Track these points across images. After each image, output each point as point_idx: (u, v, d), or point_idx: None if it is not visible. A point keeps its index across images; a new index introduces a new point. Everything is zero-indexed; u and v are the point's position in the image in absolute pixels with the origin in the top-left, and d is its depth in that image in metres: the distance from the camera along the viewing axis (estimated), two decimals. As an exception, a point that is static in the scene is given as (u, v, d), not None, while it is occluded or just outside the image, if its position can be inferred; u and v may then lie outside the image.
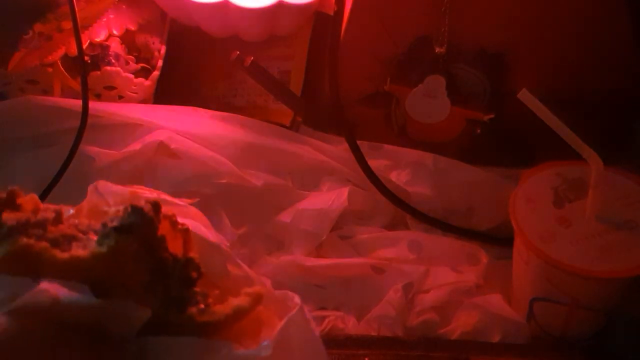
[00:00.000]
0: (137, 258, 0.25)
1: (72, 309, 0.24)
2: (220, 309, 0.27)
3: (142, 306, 0.25)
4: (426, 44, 0.50)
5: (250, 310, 0.27)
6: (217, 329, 0.27)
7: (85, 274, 0.25)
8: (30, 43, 0.53)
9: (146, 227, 0.26)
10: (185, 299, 0.26)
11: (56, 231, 0.26)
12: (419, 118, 0.52)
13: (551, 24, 0.48)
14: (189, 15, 0.55)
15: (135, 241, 0.25)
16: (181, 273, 0.27)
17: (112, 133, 0.52)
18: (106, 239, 0.25)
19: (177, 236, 0.28)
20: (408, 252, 0.49)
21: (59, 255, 0.25)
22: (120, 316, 0.25)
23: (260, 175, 0.51)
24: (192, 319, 0.26)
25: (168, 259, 0.26)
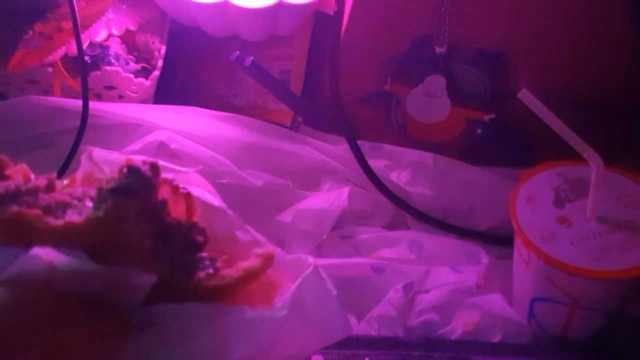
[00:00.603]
0: (137, 221, 0.23)
1: (69, 277, 0.22)
2: (229, 272, 0.25)
3: (145, 272, 0.23)
4: (426, 44, 0.50)
5: (261, 271, 0.26)
6: (227, 293, 0.25)
7: (82, 241, 0.23)
8: (30, 43, 0.53)
9: (145, 188, 0.24)
10: (191, 264, 0.25)
11: (49, 198, 0.24)
12: (419, 118, 0.52)
13: (551, 24, 0.48)
14: (189, 15, 0.55)
15: (134, 203, 0.23)
16: (186, 237, 0.25)
17: (112, 133, 0.52)
18: (103, 203, 0.23)
19: (179, 200, 0.26)
20: (408, 252, 0.49)
21: (53, 222, 0.23)
22: (123, 284, 0.23)
23: (260, 175, 0.51)
24: (200, 283, 0.24)
25: (171, 223, 0.25)
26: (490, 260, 0.48)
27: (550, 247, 0.39)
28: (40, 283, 0.22)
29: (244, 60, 0.50)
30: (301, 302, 0.25)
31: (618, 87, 0.49)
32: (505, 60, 0.49)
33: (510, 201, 0.42)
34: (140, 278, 0.23)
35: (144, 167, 0.24)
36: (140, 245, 0.23)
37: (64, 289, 0.22)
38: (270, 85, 0.53)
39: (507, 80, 0.50)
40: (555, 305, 0.41)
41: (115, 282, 0.23)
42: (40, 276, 0.22)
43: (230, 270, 0.25)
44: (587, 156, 0.40)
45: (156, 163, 0.25)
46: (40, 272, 0.22)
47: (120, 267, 0.23)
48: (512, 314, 0.44)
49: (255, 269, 0.25)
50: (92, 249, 0.23)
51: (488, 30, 0.49)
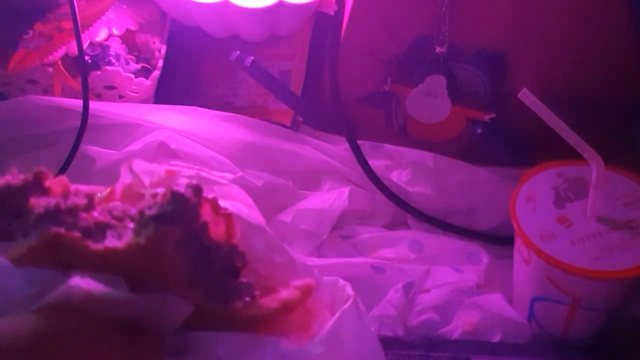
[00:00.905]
0: (177, 248, 0.23)
1: (107, 304, 0.22)
2: (266, 303, 0.24)
3: (183, 300, 0.23)
4: (427, 44, 0.50)
5: (299, 304, 0.25)
6: (264, 322, 0.25)
7: (122, 266, 0.23)
8: (30, 43, 0.53)
9: (187, 215, 0.23)
10: (229, 291, 0.24)
11: (89, 218, 0.24)
12: (419, 118, 0.52)
13: (551, 24, 0.48)
14: (189, 15, 0.55)
15: (177, 230, 0.23)
16: (225, 262, 0.25)
17: (112, 133, 0.52)
18: (144, 229, 0.22)
19: (220, 221, 0.25)
20: (409, 252, 0.49)
21: (92, 246, 0.22)
22: (160, 311, 0.22)
23: (260, 174, 0.51)
24: (238, 313, 0.24)
25: (211, 247, 0.24)
26: (491, 260, 0.48)
27: (550, 247, 0.39)
28: (76, 309, 0.22)
29: (244, 60, 0.50)
30: (339, 338, 0.25)
31: (618, 87, 0.49)
32: (505, 60, 0.49)
33: (510, 201, 0.42)
34: (178, 307, 0.23)
35: (187, 191, 0.23)
36: (179, 273, 0.23)
37: (100, 314, 0.22)
38: (270, 85, 0.53)
39: (507, 80, 0.50)
40: (556, 305, 0.41)
41: (152, 309, 0.23)
42: (77, 303, 0.21)
43: (267, 301, 0.24)
44: (588, 156, 0.40)
45: (200, 186, 0.24)
46: (77, 299, 0.21)
47: (157, 295, 0.22)
48: (512, 314, 0.44)
49: (294, 301, 0.25)
50: (131, 275, 0.23)
51: (488, 30, 0.49)
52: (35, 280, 0.22)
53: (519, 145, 0.52)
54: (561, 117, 0.41)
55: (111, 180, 0.50)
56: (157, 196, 0.23)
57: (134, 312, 0.22)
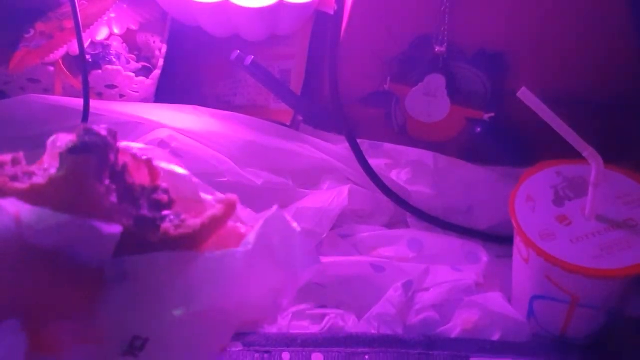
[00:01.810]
0: (99, 178, 0.24)
1: (36, 229, 0.23)
2: (194, 221, 0.26)
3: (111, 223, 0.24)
4: (426, 43, 0.50)
5: (225, 217, 0.26)
6: (195, 241, 0.26)
7: (48, 200, 0.24)
8: (31, 42, 0.53)
9: (102, 146, 0.25)
10: (158, 218, 0.26)
11: (15, 170, 0.26)
12: (419, 117, 0.52)
13: (552, 23, 0.48)
14: (189, 14, 0.55)
15: (93, 159, 0.24)
16: (150, 198, 0.26)
17: (113, 132, 0.52)
18: (64, 163, 0.24)
19: (141, 167, 0.27)
20: (408, 251, 0.49)
21: (19, 185, 0.24)
22: (90, 236, 0.24)
23: (260, 173, 0.51)
24: (168, 234, 0.25)
25: (134, 185, 0.26)
26: (490, 259, 0.48)
27: (549, 245, 0.39)
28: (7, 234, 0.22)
29: (244, 60, 0.51)
30: (266, 240, 0.26)
31: (618, 86, 0.50)
32: (504, 59, 0.49)
33: (510, 200, 0.42)
34: (106, 228, 0.24)
35: (101, 129, 0.25)
36: (105, 201, 0.24)
37: (32, 242, 0.23)
38: (270, 85, 0.53)
39: (506, 79, 0.50)
40: (555, 303, 0.41)
41: (82, 235, 0.24)
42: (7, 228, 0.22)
43: (195, 220, 0.26)
44: (587, 155, 0.40)
45: (113, 130, 0.26)
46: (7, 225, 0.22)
47: (85, 219, 0.23)
48: (512, 312, 0.44)
49: (219, 215, 0.26)
50: (58, 207, 0.24)
51: (488, 30, 0.49)
52: None
53: (519, 144, 0.52)
54: (560, 117, 0.41)
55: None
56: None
57: (65, 239, 0.23)
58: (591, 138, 0.43)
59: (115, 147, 0.25)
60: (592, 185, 0.40)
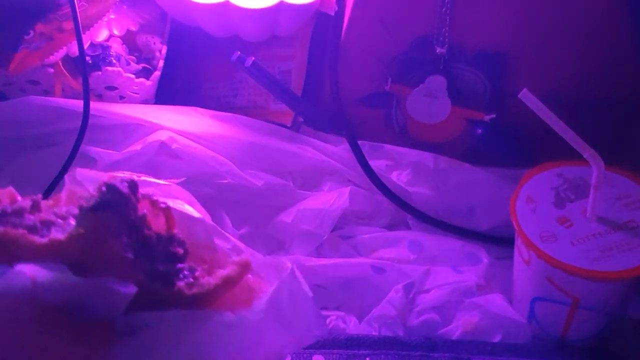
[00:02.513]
0: (117, 235, 0.25)
1: (51, 290, 0.23)
2: (208, 280, 0.26)
3: (125, 282, 0.24)
4: (427, 44, 0.50)
5: (238, 278, 0.27)
6: (208, 300, 0.26)
7: (66, 256, 0.24)
8: (31, 43, 0.53)
9: (123, 204, 0.25)
10: (172, 274, 0.26)
11: (34, 218, 0.26)
12: (419, 118, 0.52)
13: (551, 24, 0.48)
14: (190, 15, 0.55)
15: (114, 219, 0.25)
16: (166, 250, 0.26)
17: (113, 133, 0.52)
18: (84, 220, 0.24)
19: (159, 214, 0.27)
20: (409, 252, 0.49)
21: (37, 240, 0.24)
22: (104, 294, 0.24)
23: (261, 175, 0.51)
24: (181, 292, 0.25)
25: (151, 237, 0.26)
26: (491, 260, 0.48)
27: (550, 247, 0.39)
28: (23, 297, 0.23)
29: (244, 61, 0.51)
30: (278, 304, 0.27)
31: (618, 87, 0.49)
32: (505, 60, 0.49)
33: (510, 201, 0.42)
34: (121, 288, 0.24)
35: (122, 184, 0.25)
36: (121, 258, 0.24)
37: (47, 301, 0.23)
38: (270, 86, 0.53)
39: (507, 80, 0.50)
40: (556, 305, 0.41)
41: (96, 293, 0.24)
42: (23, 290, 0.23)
43: (209, 278, 0.26)
44: (588, 156, 0.40)
45: (134, 180, 0.26)
46: (23, 287, 0.23)
47: (100, 279, 0.24)
48: (513, 314, 0.44)
49: (233, 276, 0.27)
50: (75, 263, 0.24)
51: (488, 31, 0.49)
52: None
53: (519, 145, 0.52)
54: (561, 118, 0.41)
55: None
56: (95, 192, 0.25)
57: (79, 297, 0.24)
58: (592, 139, 0.43)
59: (135, 202, 0.25)
60: (593, 187, 0.40)
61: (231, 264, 0.27)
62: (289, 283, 0.28)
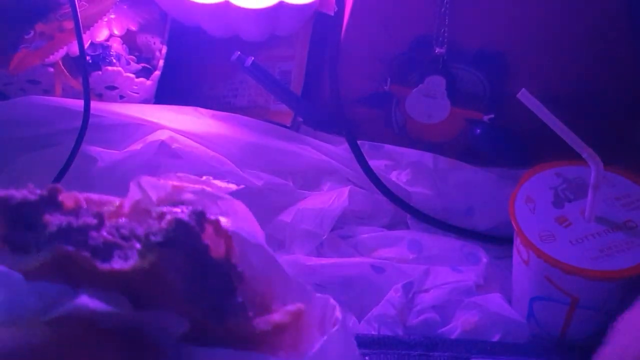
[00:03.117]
0: (179, 271, 0.24)
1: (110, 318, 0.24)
2: (259, 324, 0.26)
3: (180, 318, 0.24)
4: (426, 45, 0.50)
5: (289, 327, 0.27)
6: (256, 341, 0.26)
7: (125, 286, 0.24)
8: (31, 43, 0.53)
9: (190, 241, 0.25)
10: (225, 310, 0.26)
11: (98, 237, 0.25)
12: (419, 118, 0.52)
13: (551, 25, 0.48)
14: (190, 15, 0.55)
15: (179, 257, 0.24)
16: (223, 280, 0.26)
17: (113, 133, 0.52)
18: (148, 253, 0.24)
19: (220, 242, 0.27)
20: (408, 252, 0.49)
21: (100, 266, 0.24)
22: (159, 326, 0.24)
23: (260, 175, 0.51)
24: (232, 331, 0.25)
25: (210, 267, 0.25)
26: (490, 260, 0.48)
27: (549, 247, 0.39)
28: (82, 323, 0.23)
29: (244, 61, 0.51)
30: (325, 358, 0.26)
31: (617, 87, 0.50)
32: (504, 60, 0.50)
33: (510, 201, 0.42)
34: (175, 323, 0.24)
35: (191, 219, 0.25)
36: (179, 292, 0.24)
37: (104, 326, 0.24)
38: (270, 86, 0.53)
39: (506, 80, 0.50)
40: (555, 304, 0.41)
41: (151, 324, 0.24)
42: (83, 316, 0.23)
43: (260, 322, 0.26)
44: (587, 156, 0.40)
45: (203, 212, 0.25)
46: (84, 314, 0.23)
47: (156, 312, 0.24)
48: (512, 314, 0.44)
49: (284, 324, 0.27)
50: (134, 292, 0.24)
51: (487, 31, 0.49)
52: (45, 294, 0.24)
53: (518, 145, 0.52)
54: (560, 118, 0.41)
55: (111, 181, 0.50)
56: (163, 219, 0.25)
57: (135, 326, 0.24)
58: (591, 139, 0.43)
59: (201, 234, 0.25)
60: (591, 186, 0.40)
61: (284, 312, 0.27)
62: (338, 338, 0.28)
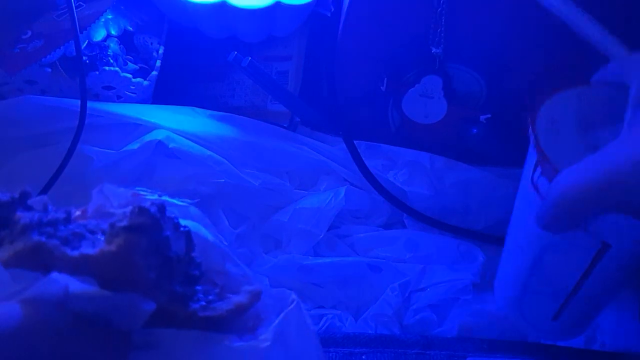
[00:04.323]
0: (144, 256, 0.26)
1: (81, 300, 0.25)
2: (220, 305, 0.28)
3: (147, 299, 0.26)
4: (422, 45, 0.50)
5: (249, 306, 0.29)
6: (218, 323, 0.28)
7: (95, 271, 0.26)
8: (28, 43, 0.53)
9: (152, 227, 0.27)
10: (188, 296, 0.28)
11: (66, 230, 0.27)
12: (415, 118, 0.52)
13: (547, 25, 0.49)
14: (187, 15, 0.55)
15: (142, 240, 0.26)
16: (185, 271, 0.28)
17: (110, 133, 0.52)
18: (115, 238, 0.26)
19: (180, 237, 0.29)
20: (405, 251, 0.49)
21: (69, 253, 0.26)
22: (127, 308, 0.26)
23: (258, 174, 0.52)
24: (195, 314, 0.27)
25: (172, 258, 0.28)
26: (486, 259, 0.48)
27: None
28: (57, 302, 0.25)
29: (241, 61, 0.51)
30: (283, 335, 0.29)
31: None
32: (500, 60, 0.50)
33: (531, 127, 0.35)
34: (143, 304, 0.26)
35: (153, 208, 0.27)
36: (145, 277, 0.26)
37: (75, 309, 0.25)
38: (268, 86, 0.53)
39: (502, 80, 0.50)
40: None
41: (120, 307, 0.26)
42: (57, 296, 0.25)
43: (222, 303, 0.28)
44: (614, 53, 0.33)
45: (163, 205, 0.28)
46: (57, 293, 0.25)
47: (125, 294, 0.26)
48: (508, 312, 0.44)
49: (244, 304, 0.29)
50: (103, 278, 0.26)
51: (484, 31, 0.49)
52: (19, 279, 0.25)
53: (515, 145, 0.52)
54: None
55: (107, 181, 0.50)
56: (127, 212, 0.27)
57: (104, 309, 0.26)
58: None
59: (162, 225, 0.27)
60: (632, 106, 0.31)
61: (244, 292, 0.29)
62: (294, 315, 0.30)
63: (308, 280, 0.48)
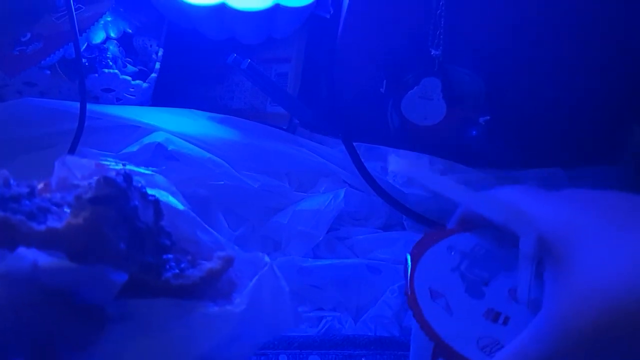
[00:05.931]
0: (112, 227, 0.26)
1: (51, 274, 0.24)
2: (193, 273, 0.28)
3: (119, 270, 0.26)
4: (421, 47, 0.50)
5: (222, 272, 0.28)
6: (192, 291, 0.28)
7: (63, 244, 0.25)
8: (28, 45, 0.53)
9: (119, 197, 0.26)
10: (160, 265, 0.27)
11: (31, 205, 0.26)
12: (415, 120, 0.52)
13: (547, 27, 0.49)
14: (186, 18, 0.55)
15: (110, 211, 0.26)
16: (155, 241, 0.28)
17: (109, 135, 0.52)
18: (82, 211, 0.25)
19: (148, 206, 0.28)
20: (404, 253, 0.49)
21: (36, 227, 0.25)
22: (98, 281, 0.25)
23: (257, 176, 0.52)
24: (168, 282, 0.27)
25: (142, 228, 0.27)
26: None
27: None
28: (25, 278, 0.24)
29: (241, 63, 0.51)
30: (258, 298, 0.28)
31: (614, 88, 0.50)
32: (500, 62, 0.50)
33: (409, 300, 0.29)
34: (114, 276, 0.25)
35: (119, 178, 0.26)
36: (115, 249, 0.26)
37: (46, 284, 0.25)
38: (267, 88, 0.53)
39: (502, 82, 0.50)
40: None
41: (91, 279, 0.25)
42: (25, 273, 0.24)
43: (194, 271, 0.28)
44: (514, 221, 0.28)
45: (129, 173, 0.27)
46: (25, 269, 0.24)
47: (95, 266, 0.25)
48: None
49: (217, 270, 0.28)
50: (72, 251, 0.25)
51: (483, 33, 0.49)
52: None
53: (514, 147, 0.52)
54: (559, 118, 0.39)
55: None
56: (92, 184, 0.26)
57: (75, 282, 0.25)
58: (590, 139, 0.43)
59: (130, 195, 0.27)
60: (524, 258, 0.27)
61: (216, 258, 0.29)
62: (267, 278, 0.29)
63: (307, 282, 0.48)
